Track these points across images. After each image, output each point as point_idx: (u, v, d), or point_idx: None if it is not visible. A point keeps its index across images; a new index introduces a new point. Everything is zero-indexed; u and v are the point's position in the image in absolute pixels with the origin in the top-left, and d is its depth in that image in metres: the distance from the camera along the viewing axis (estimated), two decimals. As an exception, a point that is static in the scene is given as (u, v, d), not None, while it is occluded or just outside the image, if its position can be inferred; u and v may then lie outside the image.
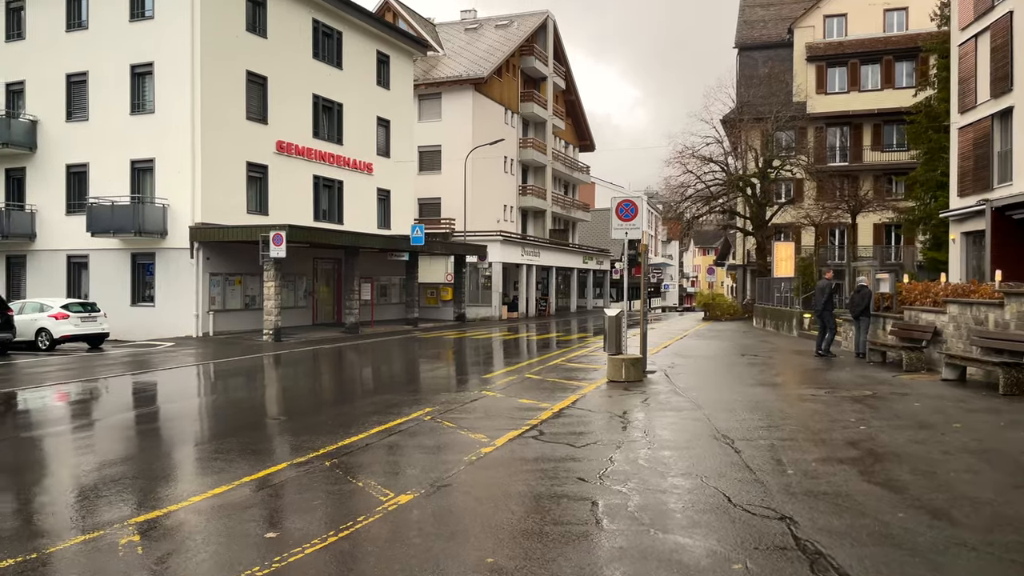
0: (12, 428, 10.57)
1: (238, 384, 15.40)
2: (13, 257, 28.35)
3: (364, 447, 8.66)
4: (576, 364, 17.42)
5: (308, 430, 9.83)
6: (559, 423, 9.93)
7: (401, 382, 15.51)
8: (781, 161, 38.46)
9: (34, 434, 9.94)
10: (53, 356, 20.48)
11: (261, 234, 23.53)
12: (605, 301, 57.61)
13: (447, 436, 9.26)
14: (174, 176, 25.32)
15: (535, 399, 12.01)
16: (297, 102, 29.32)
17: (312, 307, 30.46)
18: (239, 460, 8.10)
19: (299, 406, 12.48)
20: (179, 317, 25.14)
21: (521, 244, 41.66)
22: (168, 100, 25.38)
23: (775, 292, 28.81)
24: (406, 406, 11.57)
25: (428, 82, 42.80)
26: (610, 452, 8.17)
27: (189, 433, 10.11)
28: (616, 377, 13.77)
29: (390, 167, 34.98)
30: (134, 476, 7.50)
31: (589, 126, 60.15)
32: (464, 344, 24.18)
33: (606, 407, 11.24)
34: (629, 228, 14.11)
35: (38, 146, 27.64)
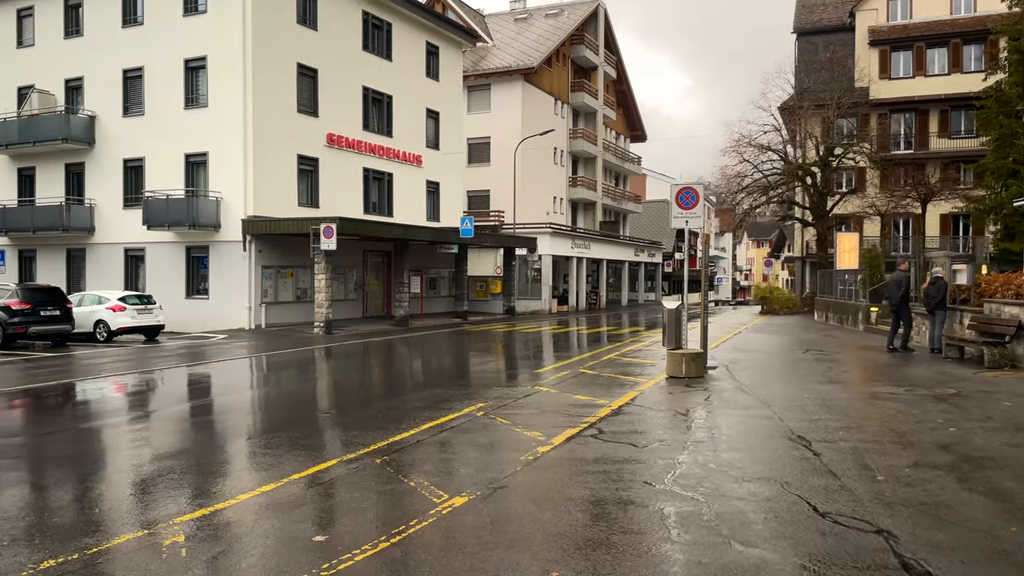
0: (70, 419, 10.57)
1: (289, 377, 15.26)
2: (73, 250, 28.94)
3: (415, 444, 8.30)
4: (632, 359, 16.84)
5: (358, 425, 9.53)
6: (619, 421, 9.42)
7: (451, 376, 15.17)
8: (843, 149, 37.03)
9: (91, 425, 9.87)
10: (110, 348, 20.74)
11: (312, 227, 23.47)
12: (657, 295, 56.62)
13: (501, 433, 8.84)
14: (227, 169, 25.46)
15: (591, 395, 11.52)
16: (347, 94, 29.25)
17: (362, 300, 30.42)
18: (289, 456, 7.82)
19: (349, 399, 12.23)
20: (232, 309, 25.30)
21: (571, 236, 41.06)
22: (220, 94, 25.51)
23: (838, 285, 27.66)
24: (457, 401, 11.19)
25: (477, 73, 42.44)
26: (676, 453, 7.64)
27: (240, 426, 9.91)
28: (676, 373, 13.17)
29: (439, 159, 34.74)
30: (184, 471, 7.27)
31: (640, 116, 59.12)
32: (514, 337, 23.78)
33: (667, 404, 10.68)
34: (690, 217, 13.46)
35: (96, 141, 28.12)
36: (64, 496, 6.56)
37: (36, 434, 9.46)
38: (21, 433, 9.53)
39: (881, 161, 37.91)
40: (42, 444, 8.81)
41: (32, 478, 7.31)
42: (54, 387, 13.35)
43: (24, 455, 8.20)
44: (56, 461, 7.95)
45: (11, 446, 8.57)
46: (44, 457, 8.20)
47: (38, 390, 13.04)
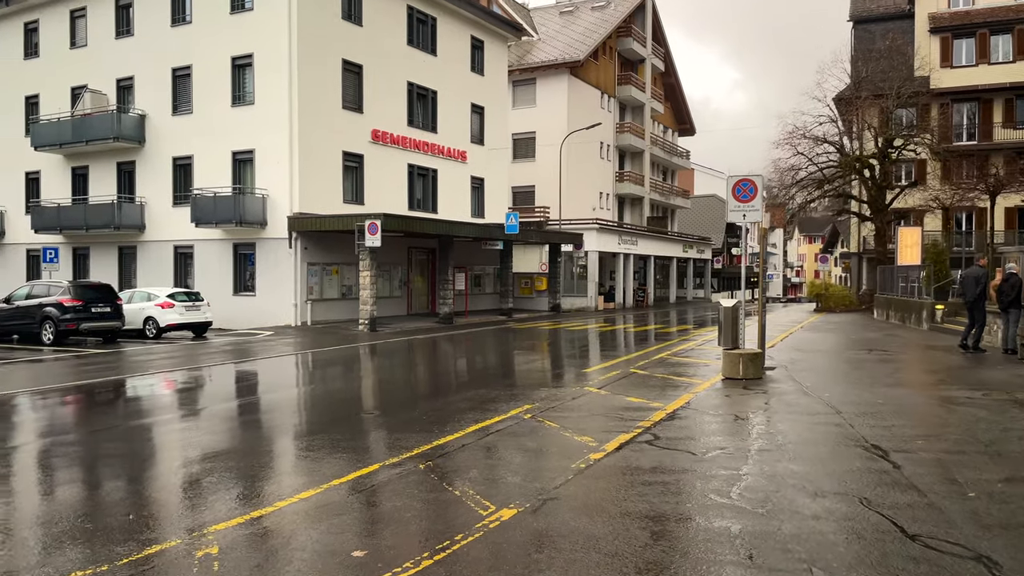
0: (118, 416, 10.52)
1: (333, 375, 15.05)
2: (125, 248, 29.38)
3: (460, 448, 7.91)
4: (684, 359, 16.22)
5: (402, 426, 9.20)
6: (675, 426, 8.88)
7: (497, 375, 14.77)
8: (903, 140, 35.58)
9: (138, 423, 9.77)
10: (159, 344, 20.88)
11: (356, 223, 23.33)
12: (706, 292, 55.48)
13: (550, 438, 8.39)
14: (273, 166, 25.50)
15: (644, 397, 10.99)
16: (392, 90, 29.08)
17: (407, 297, 30.27)
18: (331, 458, 7.53)
19: (393, 399, 11.92)
20: (278, 306, 25.34)
21: (618, 232, 40.34)
22: (266, 91, 25.55)
23: (899, 281, 26.49)
24: (503, 402, 10.78)
25: (522, 67, 41.98)
26: (740, 463, 7.09)
27: (283, 426, 9.66)
28: (732, 374, 12.55)
29: (484, 155, 34.39)
30: (224, 473, 7.01)
31: (689, 109, 57.93)
32: (560, 335, 23.29)
33: (726, 408, 10.10)
34: (747, 210, 12.82)
35: (146, 140, 28.47)
36: (102, 499, 6.34)
37: (86, 431, 9.41)
38: (72, 430, 9.52)
39: (943, 153, 36.35)
40: (90, 442, 8.74)
41: (77, 478, 7.18)
42: (103, 384, 13.36)
43: (71, 454, 8.13)
44: (102, 461, 7.89)
45: (59, 444, 8.53)
46: (90, 456, 8.11)
47: (89, 387, 13.08)
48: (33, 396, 11.95)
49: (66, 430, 9.49)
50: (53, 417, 10.52)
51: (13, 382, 13.55)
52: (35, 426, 9.88)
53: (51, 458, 7.97)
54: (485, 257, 33.33)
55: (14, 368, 15.90)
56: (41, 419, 10.46)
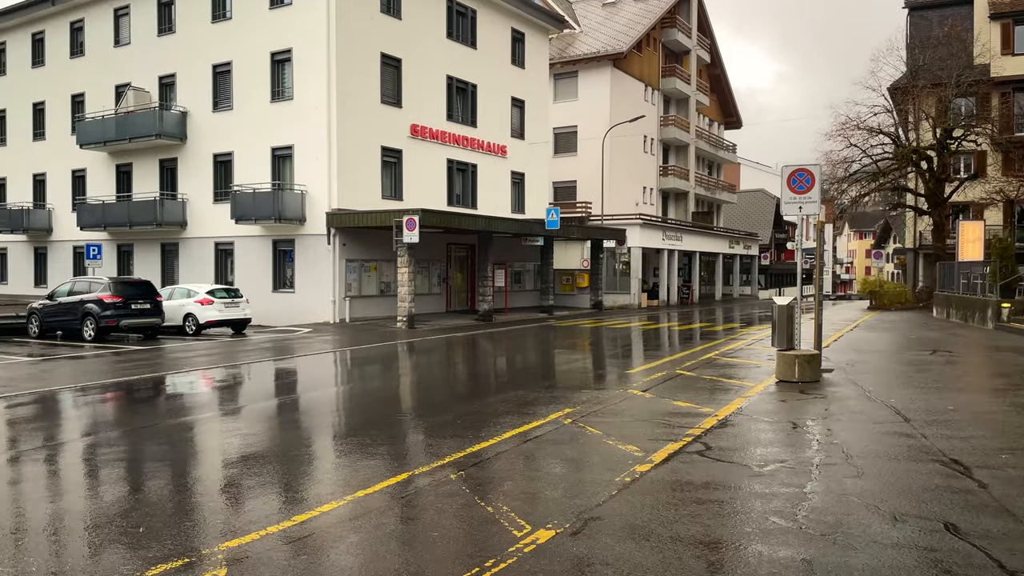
0: (155, 415, 10.28)
1: (369, 373, 14.66)
2: (167, 244, 29.55)
3: (496, 456, 7.37)
4: (733, 359, 15.44)
5: (436, 431, 8.71)
6: (727, 435, 8.21)
7: (536, 375, 14.20)
8: (963, 131, 33.95)
9: (175, 422, 9.51)
10: (199, 341, 20.79)
11: (394, 219, 22.96)
12: (753, 288, 54.06)
13: (592, 446, 7.80)
14: (312, 162, 25.30)
15: (692, 401, 10.31)
16: (431, 84, 28.68)
17: (446, 294, 29.87)
18: (361, 465, 7.14)
19: (428, 400, 11.44)
20: (317, 303, 25.15)
21: (662, 228, 39.39)
22: (305, 86, 25.35)
23: (960, 278, 25.16)
24: (542, 404, 10.22)
25: (564, 60, 41.25)
26: (802, 479, 6.41)
27: (315, 428, 9.24)
28: (787, 376, 11.78)
29: (524, 149, 33.81)
30: (253, 479, 6.63)
31: (735, 101, 56.47)
32: (602, 334, 22.62)
33: (783, 415, 9.37)
34: (804, 202, 12.01)
35: (188, 137, 28.54)
36: (128, 502, 5.95)
37: (125, 430, 9.21)
38: (112, 428, 9.36)
39: (1005, 143, 34.58)
40: (128, 441, 8.56)
41: (112, 479, 6.90)
42: (141, 381, 13.18)
43: (108, 454, 7.91)
44: (136, 461, 7.66)
45: (95, 444, 8.33)
46: (127, 456, 7.89)
47: (128, 384, 12.95)
48: (73, 393, 11.77)
49: (102, 428, 9.25)
50: (91, 415, 10.31)
51: (53, 379, 13.44)
52: (72, 424, 9.66)
53: (85, 458, 7.74)
54: (525, 253, 32.76)
55: (55, 365, 15.87)
56: (78, 417, 10.25)
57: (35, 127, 33.91)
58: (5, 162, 35.13)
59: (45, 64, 33.38)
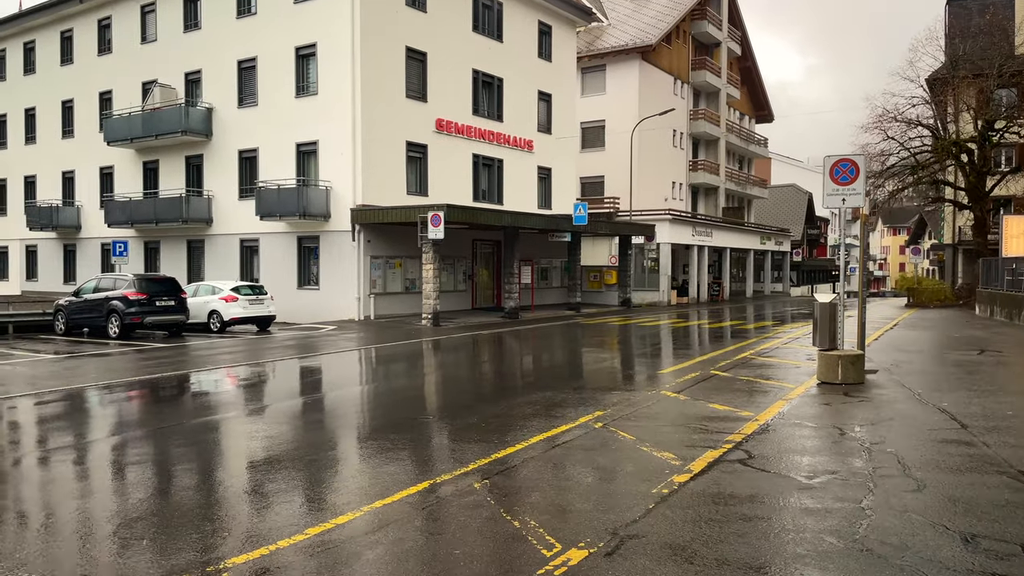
0: (176, 415, 10.00)
1: (392, 373, 14.30)
2: (193, 241, 29.50)
3: (522, 463, 6.94)
4: (770, 359, 14.83)
5: (460, 434, 8.31)
6: (770, 441, 7.68)
7: (563, 375, 13.72)
8: (1005, 122, 32.78)
9: (195, 423, 9.24)
10: (223, 338, 20.61)
11: (419, 215, 22.60)
12: (785, 285, 52.98)
13: (625, 453, 7.32)
14: (336, 158, 25.03)
15: (730, 404, 9.77)
16: (456, 78, 28.27)
17: (471, 291, 29.47)
18: (381, 471, 6.78)
19: (452, 401, 11.03)
20: (342, 300, 24.89)
21: (692, 223, 38.62)
22: (330, 81, 25.08)
23: (1005, 275, 24.19)
24: (571, 406, 9.76)
25: (591, 54, 40.61)
26: (858, 493, 5.87)
27: (337, 430, 8.88)
28: (830, 378, 11.18)
29: (551, 144, 33.28)
30: (269, 484, 6.23)
31: (767, 94, 55.33)
32: (632, 332, 22.06)
33: (829, 419, 8.80)
34: (848, 194, 11.38)
35: (213, 133, 28.45)
36: (147, 507, 5.60)
37: (146, 430, 8.95)
38: (132, 428, 9.11)
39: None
40: (148, 442, 8.31)
41: (133, 481, 6.62)
42: (165, 380, 12.96)
43: (128, 455, 7.67)
44: (157, 463, 7.35)
45: (114, 445, 8.06)
46: (147, 458, 7.61)
47: (151, 382, 12.76)
48: (96, 392, 11.54)
49: (121, 429, 9.06)
50: (111, 415, 10.08)
51: (76, 377, 13.26)
52: (92, 424, 9.41)
53: (104, 460, 7.47)
54: (552, 250, 32.26)
55: (78, 362, 15.73)
56: (99, 417, 10.03)
57: (64, 125, 34.11)
58: (35, 160, 35.41)
59: (73, 62, 33.54)
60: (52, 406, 10.60)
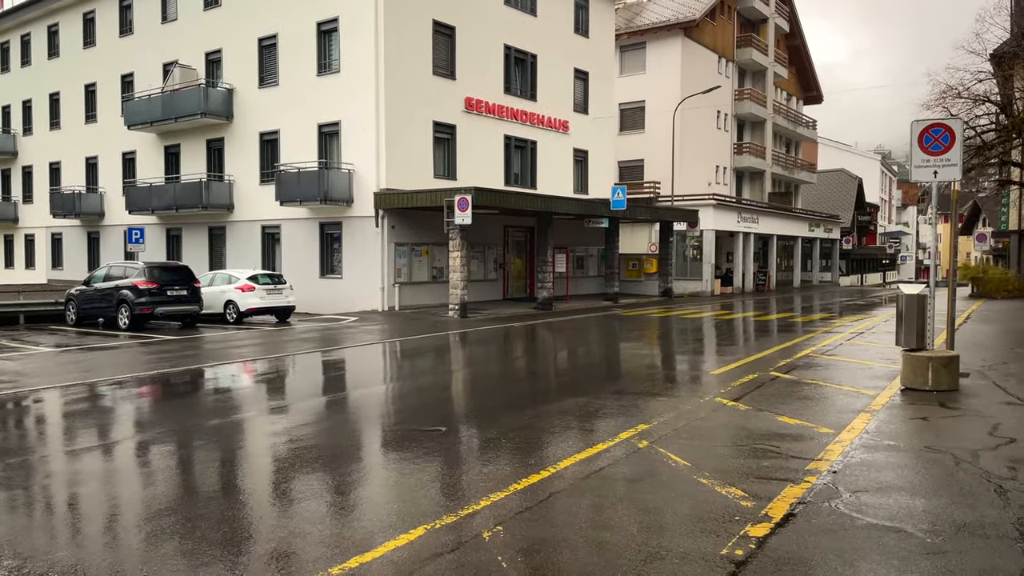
0: (183, 416, 8.64)
1: (407, 372, 12.89)
2: (214, 228, 28.46)
3: (547, 497, 5.45)
4: (835, 357, 13.06)
5: (475, 454, 6.88)
6: (863, 472, 6.03)
7: (600, 375, 12.11)
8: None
9: (199, 424, 7.89)
10: (239, 330, 19.44)
11: (445, 199, 21.13)
12: (834, 275, 50.50)
13: (679, 487, 5.74)
14: (359, 139, 23.67)
15: (801, 417, 8.12)
16: (487, 54, 26.67)
17: (502, 280, 27.95)
18: (373, 513, 5.31)
19: (471, 408, 9.53)
20: (365, 290, 23.58)
21: (737, 209, 36.54)
22: (352, 57, 23.69)
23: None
24: (609, 417, 8.23)
25: (631, 31, 38.65)
26: (1009, 562, 4.21)
27: (335, 448, 7.40)
28: (917, 383, 9.43)
29: (587, 125, 31.52)
30: (238, 520, 4.76)
31: (816, 74, 52.66)
32: (675, 325, 20.36)
33: (932, 441, 7.09)
34: (940, 164, 9.58)
35: (234, 115, 27.30)
36: (147, 531, 4.23)
37: (153, 431, 7.89)
38: (142, 429, 8.03)
39: None
40: (154, 446, 7.24)
41: (129, 496, 5.25)
42: (163, 377, 11.72)
43: (128, 463, 6.42)
44: (162, 472, 5.90)
45: (111, 454, 6.56)
46: (152, 467, 6.30)
47: (159, 377, 11.65)
48: (74, 391, 10.30)
49: (129, 431, 7.68)
50: (105, 415, 8.76)
51: (66, 374, 12.08)
52: (63, 431, 8.10)
53: (86, 476, 6.04)
54: (588, 237, 30.60)
55: (75, 357, 14.62)
56: (89, 416, 8.72)
57: (87, 109, 33.35)
58: (59, 146, 34.76)
59: (96, 44, 32.71)
60: (25, 407, 9.35)
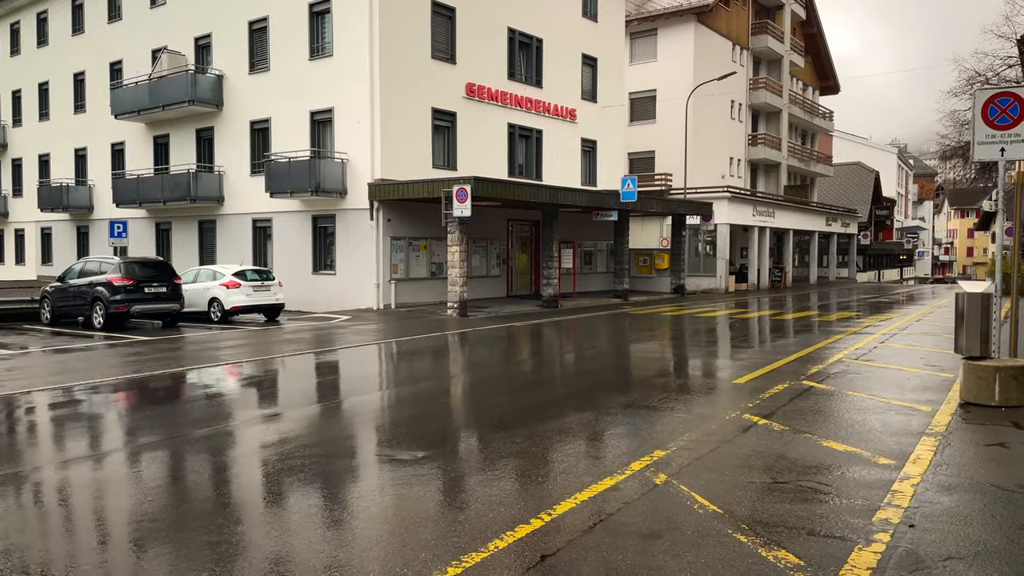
0: (133, 430, 7.20)
1: (391, 380, 11.54)
2: (204, 222, 27.17)
3: (538, 564, 4.05)
4: (871, 363, 11.61)
5: (454, 491, 5.49)
6: (950, 526, 4.62)
7: (608, 384, 10.69)
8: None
9: (157, 440, 6.43)
10: (224, 330, 18.16)
11: (443, 189, 19.75)
12: (851, 271, 48.85)
13: (712, 549, 4.36)
14: (353, 126, 22.32)
15: (850, 442, 6.72)
16: (490, 37, 25.25)
17: (506, 276, 26.55)
18: None
19: (457, 427, 8.10)
20: (360, 287, 22.25)
21: (752, 202, 34.99)
22: (346, 40, 22.34)
23: None
24: (619, 439, 6.88)
25: (642, 17, 37.13)
26: None
27: (292, 484, 6.06)
28: (982, 398, 8.02)
29: (596, 113, 30.06)
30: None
31: (833, 63, 50.92)
32: (689, 324, 18.94)
33: (1022, 476, 5.66)
34: (1009, 140, 8.13)
35: (224, 103, 25.99)
36: None
37: (121, 448, 6.67)
38: (105, 445, 6.46)
39: None
40: (119, 467, 5.69)
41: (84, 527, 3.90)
42: (124, 384, 10.40)
43: (83, 484, 4.98)
44: (94, 501, 4.51)
45: (64, 480, 5.25)
46: (110, 488, 4.85)
47: (131, 383, 10.48)
48: (46, 394, 9.00)
49: (89, 448, 6.36)
50: (80, 425, 7.44)
51: (10, 380, 10.77)
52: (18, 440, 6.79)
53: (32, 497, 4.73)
54: (596, 231, 29.17)
55: (31, 361, 13.34)
56: (42, 430, 7.40)
57: (76, 99, 32.15)
58: (49, 137, 33.58)
59: (84, 31, 31.47)
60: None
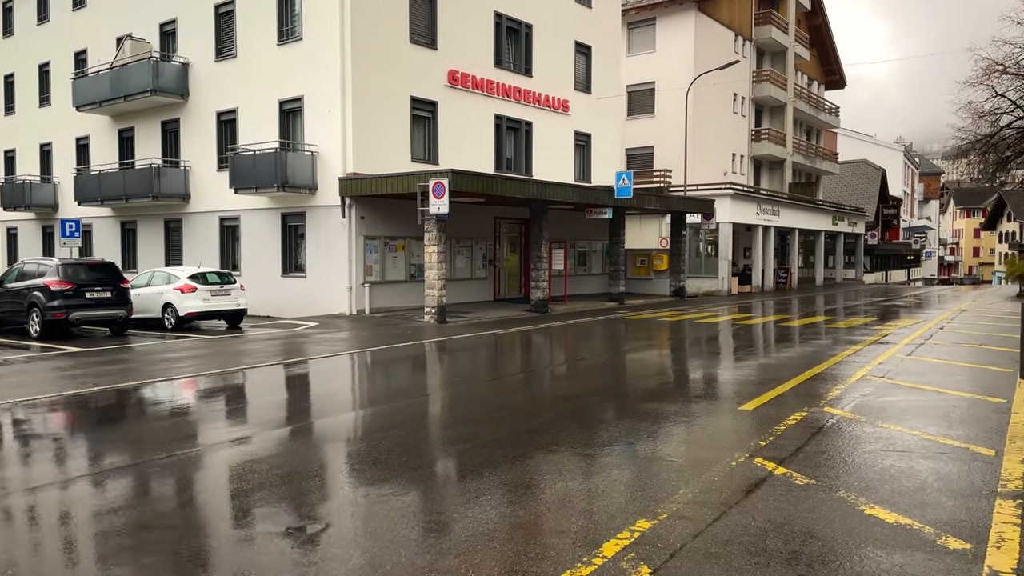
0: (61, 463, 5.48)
1: (341, 405, 9.77)
2: (171, 220, 25.42)
3: None
4: (899, 382, 9.84)
5: (399, 554, 3.71)
6: None
7: (588, 412, 8.86)
8: None
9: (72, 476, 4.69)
10: (177, 339, 16.46)
11: (419, 184, 18.01)
12: (858, 272, 47.08)
13: None
14: (324, 116, 20.58)
15: (899, 507, 4.97)
16: (474, 21, 23.51)
17: (493, 279, 24.79)
18: None
19: (411, 469, 6.32)
20: (331, 290, 20.52)
21: (756, 200, 33.23)
22: (316, 22, 20.63)
23: None
24: (595, 497, 5.16)
25: (640, 5, 35.37)
26: None
27: (208, 539, 4.31)
28: (1065, 442, 6.24)
29: (591, 105, 28.31)
30: None
31: (839, 56, 49.17)
32: (689, 332, 17.20)
33: None
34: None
35: (190, 93, 24.25)
36: None
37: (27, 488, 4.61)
38: None
39: None
40: None
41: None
42: (59, 402, 8.65)
43: None
44: None
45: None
46: None
47: (52, 403, 8.52)
48: None
49: None
50: None
51: None
52: None
53: None
54: (591, 230, 27.43)
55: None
56: None
57: (41, 92, 30.41)
58: (14, 132, 31.82)
59: (50, 20, 29.74)
60: None
